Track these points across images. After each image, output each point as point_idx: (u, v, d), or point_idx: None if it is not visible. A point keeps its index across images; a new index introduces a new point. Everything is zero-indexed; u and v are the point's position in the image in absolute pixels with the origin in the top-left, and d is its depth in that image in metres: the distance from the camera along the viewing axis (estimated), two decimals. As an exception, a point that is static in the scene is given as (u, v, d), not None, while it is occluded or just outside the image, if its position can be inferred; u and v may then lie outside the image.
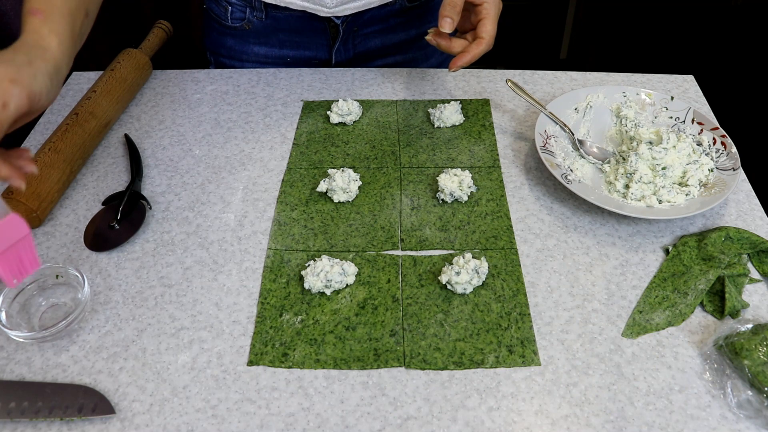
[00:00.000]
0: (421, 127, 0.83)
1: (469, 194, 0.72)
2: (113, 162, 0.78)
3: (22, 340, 0.56)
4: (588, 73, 0.93)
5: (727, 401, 0.54)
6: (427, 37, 0.74)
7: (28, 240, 0.52)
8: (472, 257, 0.63)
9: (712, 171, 0.72)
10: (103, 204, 0.72)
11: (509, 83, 0.81)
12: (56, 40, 0.54)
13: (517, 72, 0.92)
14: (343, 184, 0.71)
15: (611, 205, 0.67)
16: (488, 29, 0.71)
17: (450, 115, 0.82)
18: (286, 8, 0.87)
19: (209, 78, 0.91)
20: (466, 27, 0.74)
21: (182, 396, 0.55)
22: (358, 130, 0.83)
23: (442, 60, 1.04)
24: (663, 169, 0.70)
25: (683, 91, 0.90)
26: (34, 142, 0.81)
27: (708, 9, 1.69)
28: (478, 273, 0.62)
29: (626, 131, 0.78)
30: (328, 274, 0.62)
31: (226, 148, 0.80)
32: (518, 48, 2.38)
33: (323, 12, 0.86)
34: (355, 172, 0.75)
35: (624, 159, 0.73)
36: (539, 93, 0.89)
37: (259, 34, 0.91)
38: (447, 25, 0.70)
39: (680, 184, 0.71)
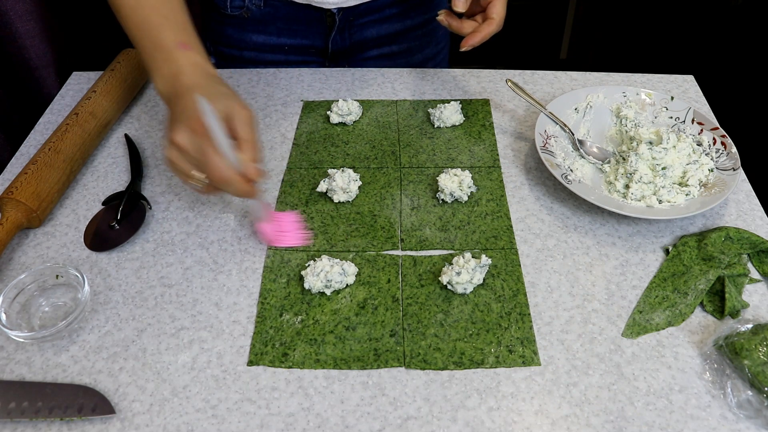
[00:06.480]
0: (421, 127, 0.83)
1: (469, 194, 0.72)
2: (113, 162, 0.78)
3: (22, 340, 0.56)
4: (588, 73, 0.93)
5: (727, 401, 0.54)
6: (439, 18, 0.75)
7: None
8: (472, 257, 0.63)
9: (712, 171, 0.72)
10: (103, 204, 0.72)
11: (509, 83, 0.81)
12: (209, 63, 0.65)
13: (517, 72, 0.92)
14: (343, 184, 0.71)
15: (611, 205, 0.67)
16: (498, 10, 0.73)
17: (450, 115, 0.82)
18: None
19: (209, 78, 0.91)
20: (476, 10, 0.75)
21: (182, 396, 0.55)
22: (358, 130, 0.83)
23: (438, 51, 1.04)
24: (663, 169, 0.70)
25: (683, 91, 0.90)
26: (33, 142, 0.81)
27: (708, 9, 1.68)
28: (480, 268, 0.62)
29: (626, 131, 0.78)
30: (328, 274, 0.62)
31: (226, 148, 0.80)
32: (518, 48, 2.38)
33: (327, 4, 0.87)
34: (355, 172, 0.75)
35: (624, 159, 0.73)
36: (539, 93, 0.89)
37: (257, 22, 0.92)
38: (460, 4, 0.72)
39: (680, 184, 0.71)
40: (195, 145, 0.57)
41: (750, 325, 0.57)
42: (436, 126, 0.83)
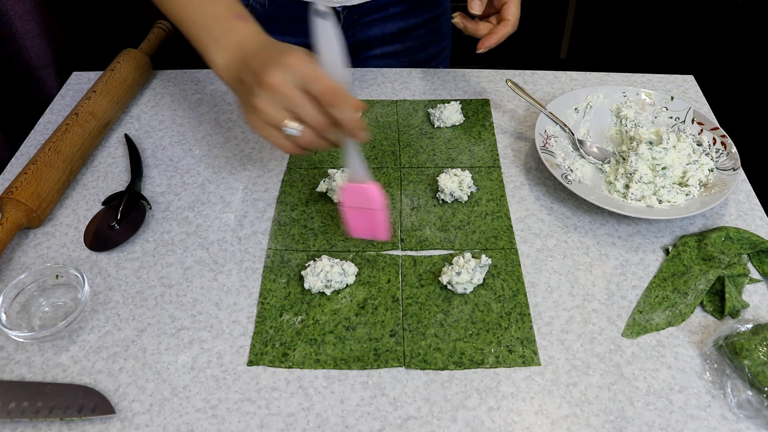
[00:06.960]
0: (421, 127, 0.83)
1: (469, 194, 0.72)
2: (113, 162, 0.78)
3: (22, 340, 0.56)
4: (588, 73, 0.93)
5: (727, 401, 0.54)
6: (454, 20, 0.76)
7: (381, 214, 0.60)
8: (472, 257, 0.63)
9: (712, 171, 0.72)
10: (103, 204, 0.72)
11: (509, 83, 0.81)
12: (263, 31, 0.63)
13: (517, 72, 0.92)
14: (343, 184, 0.71)
15: (611, 205, 0.67)
16: (513, 11, 0.73)
17: (450, 115, 0.82)
18: None
19: (209, 78, 0.91)
20: (490, 12, 0.76)
21: (182, 396, 0.55)
22: (358, 130, 0.82)
23: (441, 49, 1.05)
24: (663, 169, 0.70)
25: (683, 91, 0.90)
26: (34, 142, 0.81)
27: (708, 9, 1.68)
28: (480, 268, 0.62)
29: (626, 131, 0.78)
30: (328, 274, 0.62)
31: (226, 148, 0.80)
32: (518, 48, 2.37)
33: (331, 3, 0.87)
34: (355, 172, 0.75)
35: (624, 159, 0.73)
36: (539, 93, 0.89)
37: (261, 21, 0.92)
38: (476, 6, 0.72)
39: (680, 184, 0.71)
40: (296, 77, 0.53)
41: (750, 325, 0.57)
42: (436, 126, 0.83)
